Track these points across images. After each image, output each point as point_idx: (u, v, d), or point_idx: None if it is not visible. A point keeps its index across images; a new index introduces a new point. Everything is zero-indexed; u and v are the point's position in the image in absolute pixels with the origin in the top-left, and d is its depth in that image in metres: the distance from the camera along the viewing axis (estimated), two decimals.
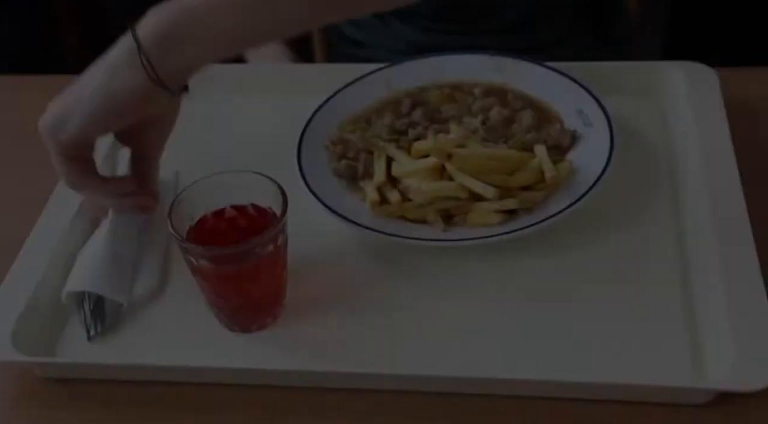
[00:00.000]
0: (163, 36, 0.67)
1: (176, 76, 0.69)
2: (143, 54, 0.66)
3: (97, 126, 0.70)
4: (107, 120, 0.69)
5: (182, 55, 0.68)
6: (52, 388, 0.70)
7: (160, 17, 0.67)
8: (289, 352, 0.70)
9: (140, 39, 0.67)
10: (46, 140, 0.70)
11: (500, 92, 0.88)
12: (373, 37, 1.14)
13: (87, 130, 0.69)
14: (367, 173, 0.81)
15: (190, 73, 0.70)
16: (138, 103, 0.69)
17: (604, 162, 0.77)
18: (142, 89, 0.68)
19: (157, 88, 0.68)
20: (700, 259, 0.72)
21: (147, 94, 0.68)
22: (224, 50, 0.70)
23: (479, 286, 0.73)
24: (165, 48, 0.67)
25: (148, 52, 0.67)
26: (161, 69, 0.67)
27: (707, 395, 0.63)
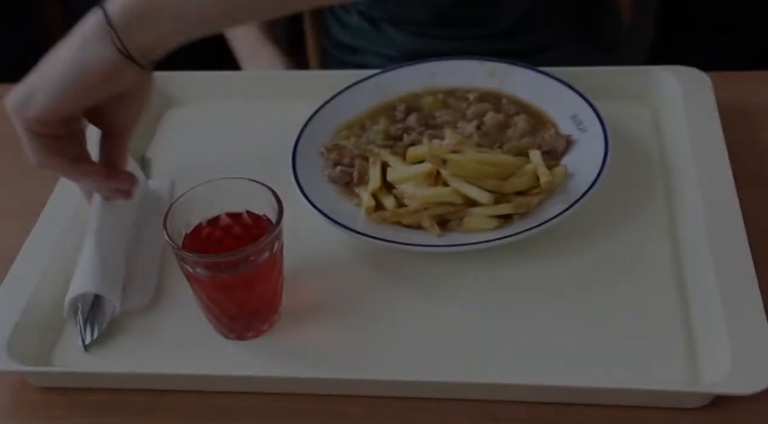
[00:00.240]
0: (132, 9, 0.66)
1: (146, 51, 0.68)
2: (112, 28, 0.66)
3: (65, 101, 0.68)
4: (76, 95, 0.68)
5: (152, 29, 0.67)
6: (48, 397, 0.69)
7: None
8: (284, 359, 0.70)
9: (109, 13, 0.66)
10: (12, 117, 0.69)
11: (494, 97, 0.89)
12: (365, 43, 1.14)
13: (54, 105, 0.67)
14: (362, 179, 0.81)
15: (161, 48, 0.69)
16: (107, 77, 0.67)
17: (599, 167, 0.77)
18: (111, 63, 0.67)
19: (127, 62, 0.67)
20: (695, 262, 0.72)
21: (116, 68, 0.67)
22: (195, 27, 0.69)
23: (475, 291, 0.73)
24: (134, 22, 0.66)
25: (117, 25, 0.66)
26: (131, 43, 0.66)
27: (704, 398, 0.64)
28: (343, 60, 1.18)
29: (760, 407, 0.63)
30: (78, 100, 0.68)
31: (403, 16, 1.10)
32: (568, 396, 0.65)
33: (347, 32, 1.16)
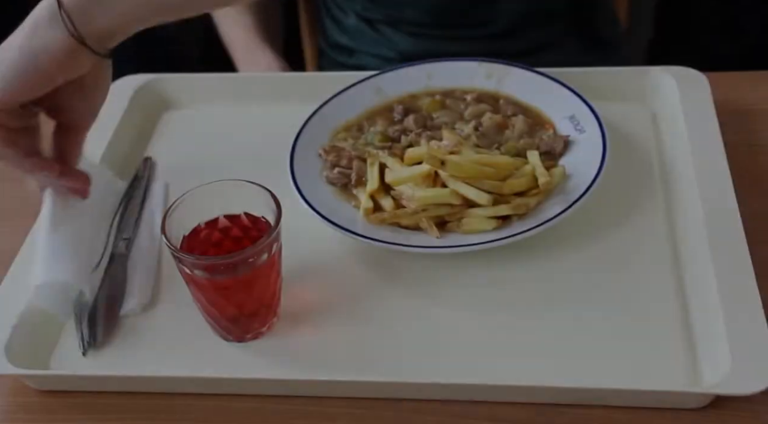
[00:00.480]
0: None
1: (102, 38, 0.67)
2: (64, 11, 0.65)
3: (18, 87, 0.66)
4: (27, 81, 0.66)
5: (105, 13, 0.66)
6: (47, 400, 0.69)
7: None
8: (283, 361, 0.70)
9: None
10: None
11: (492, 98, 0.89)
12: (362, 44, 1.14)
13: (6, 92, 0.66)
14: (360, 181, 0.81)
15: (118, 34, 0.69)
16: (59, 62, 0.66)
17: (597, 167, 0.77)
18: (64, 47, 0.66)
19: (80, 47, 0.66)
20: (694, 262, 0.72)
21: (68, 52, 0.66)
22: (151, 12, 0.68)
23: (474, 292, 0.73)
24: (86, 6, 0.65)
25: (70, 9, 0.65)
26: (83, 26, 0.66)
27: (704, 399, 0.64)
28: (340, 61, 1.18)
29: (760, 407, 0.63)
30: (31, 86, 0.67)
31: (400, 17, 1.09)
32: (568, 397, 0.65)
33: (344, 33, 1.16)
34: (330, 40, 1.20)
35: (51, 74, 0.67)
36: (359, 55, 1.15)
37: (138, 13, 0.68)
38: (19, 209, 0.85)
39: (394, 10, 1.09)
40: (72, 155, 0.74)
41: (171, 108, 0.97)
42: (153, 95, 0.96)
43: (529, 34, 1.10)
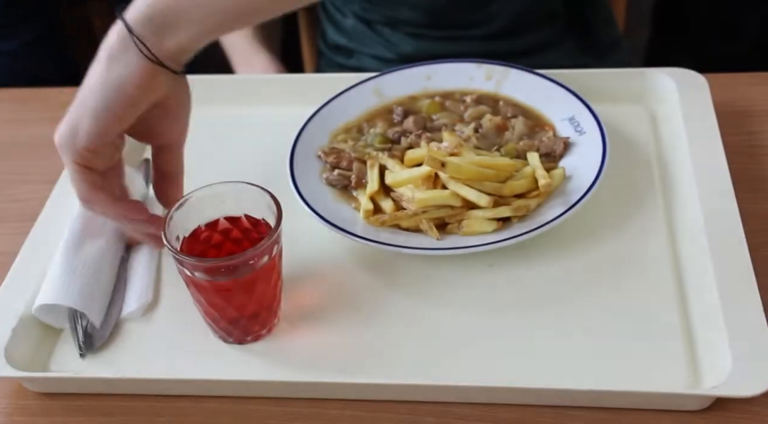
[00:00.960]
0: (153, 17, 0.66)
1: (175, 56, 0.68)
2: (135, 36, 0.65)
3: (110, 121, 0.67)
4: (117, 112, 0.67)
5: (175, 33, 0.66)
6: (46, 403, 0.69)
7: (147, 2, 0.66)
8: (284, 363, 0.69)
9: (130, 22, 0.66)
10: (62, 153, 0.68)
11: (492, 100, 0.89)
12: (361, 44, 1.14)
13: (101, 128, 0.67)
14: (360, 183, 0.80)
15: (190, 51, 0.69)
16: (142, 88, 0.67)
17: (597, 169, 0.77)
18: (142, 71, 0.66)
19: (157, 68, 0.66)
20: (694, 264, 0.72)
21: (147, 75, 0.66)
22: (218, 27, 0.68)
23: (474, 294, 0.73)
24: (156, 28, 0.66)
25: (141, 34, 0.66)
26: (157, 48, 0.66)
27: (705, 401, 0.64)
28: (339, 62, 1.18)
29: (760, 409, 0.63)
30: (121, 117, 0.67)
31: (397, 18, 1.09)
32: (568, 399, 0.65)
33: (343, 34, 1.16)
34: (329, 42, 1.20)
35: (136, 101, 0.68)
36: (358, 56, 1.15)
37: (207, 28, 0.68)
38: (19, 212, 0.85)
39: (391, 10, 1.09)
40: (174, 171, 0.75)
41: None
42: None
43: (526, 35, 1.10)
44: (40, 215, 0.81)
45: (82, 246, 0.75)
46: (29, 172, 0.90)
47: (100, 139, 0.67)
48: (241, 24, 0.72)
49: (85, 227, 0.77)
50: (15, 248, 0.77)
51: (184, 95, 0.72)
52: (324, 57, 1.23)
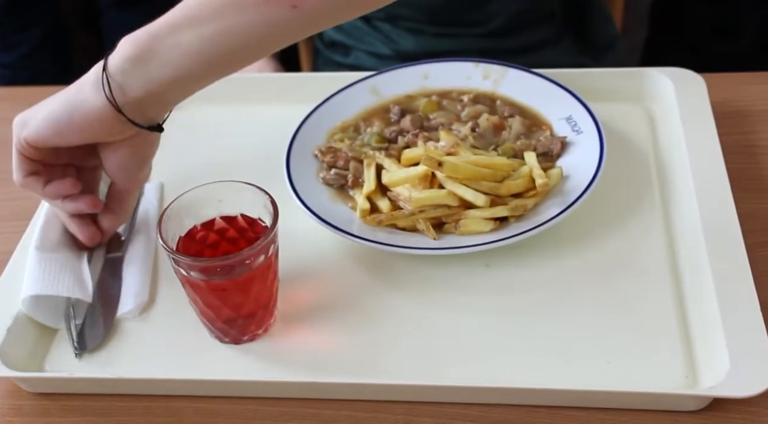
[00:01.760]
0: (130, 55, 0.66)
1: (138, 106, 0.67)
2: (106, 74, 0.66)
3: (51, 134, 0.69)
4: (60, 131, 0.68)
5: (147, 74, 0.66)
6: (41, 403, 0.69)
7: (131, 40, 0.66)
8: (280, 363, 0.69)
9: (110, 61, 0.66)
10: (13, 133, 0.71)
11: (489, 99, 0.88)
12: (359, 41, 1.14)
13: (41, 134, 0.69)
14: (357, 182, 0.80)
15: (155, 105, 0.68)
16: (90, 124, 0.68)
17: (594, 168, 0.77)
18: (97, 112, 0.67)
19: (114, 113, 0.67)
20: (691, 264, 0.72)
21: (101, 117, 0.67)
22: (189, 71, 0.66)
23: (471, 294, 0.73)
24: (130, 68, 0.66)
25: (113, 74, 0.66)
26: (120, 94, 0.66)
27: (702, 401, 0.63)
28: (336, 60, 1.18)
29: (757, 409, 0.63)
30: (62, 135, 0.69)
31: (398, 14, 1.09)
32: (565, 399, 0.65)
33: (340, 31, 1.16)
34: (326, 39, 1.19)
35: (81, 132, 0.69)
36: (355, 53, 1.15)
37: (180, 72, 0.66)
38: (13, 212, 0.85)
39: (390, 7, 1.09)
40: (117, 209, 0.76)
41: None
42: None
43: (525, 33, 1.10)
44: (34, 214, 0.80)
45: (45, 236, 0.76)
46: None
47: (40, 141, 0.69)
48: (219, 71, 0.69)
49: (47, 219, 0.78)
50: (10, 247, 0.77)
51: (142, 151, 0.72)
52: (321, 55, 1.22)
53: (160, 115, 0.70)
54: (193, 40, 0.65)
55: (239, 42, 0.65)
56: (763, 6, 1.55)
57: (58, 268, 0.74)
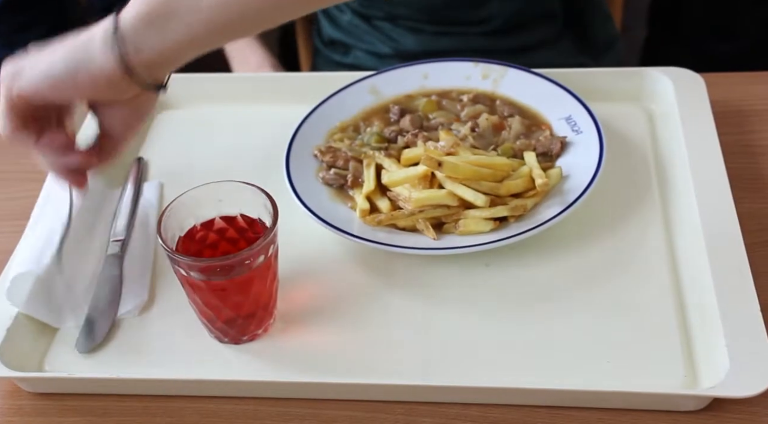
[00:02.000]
0: (143, 16, 0.63)
1: (150, 65, 0.65)
2: (118, 34, 0.63)
3: (49, 89, 0.65)
4: (60, 88, 0.65)
5: (162, 34, 0.63)
6: (41, 403, 0.69)
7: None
8: (280, 363, 0.69)
9: (120, 21, 0.64)
10: (0, 84, 0.67)
11: (488, 99, 0.88)
12: (358, 40, 1.14)
13: (38, 89, 0.65)
14: (357, 182, 0.80)
15: (170, 63, 0.66)
16: (97, 86, 0.65)
17: (594, 168, 0.77)
18: (107, 74, 0.64)
19: (125, 77, 0.64)
20: (691, 264, 0.72)
21: (110, 80, 0.64)
22: (207, 34, 0.64)
23: (471, 294, 0.73)
24: (145, 26, 0.63)
25: (126, 34, 0.63)
26: (134, 54, 0.64)
27: (702, 401, 0.63)
28: (335, 60, 1.18)
29: (757, 409, 0.63)
30: (62, 93, 0.66)
31: (398, 13, 1.09)
32: (565, 399, 0.65)
33: (339, 30, 1.16)
34: (325, 38, 1.19)
35: (84, 91, 0.66)
36: (355, 51, 1.15)
37: (197, 35, 0.64)
38: (14, 211, 0.85)
39: (388, 6, 1.09)
40: (105, 153, 0.72)
41: (166, 107, 0.96)
42: None
43: (525, 33, 1.10)
44: (32, 213, 0.80)
45: (41, 219, 0.76)
46: (24, 170, 0.89)
47: (37, 96, 0.66)
48: (232, 35, 0.68)
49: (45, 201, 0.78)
50: (10, 246, 0.77)
51: (143, 108, 0.70)
52: (320, 54, 1.22)
53: (165, 75, 0.68)
54: (212, 3, 0.63)
55: (257, 4, 0.64)
56: (762, 6, 1.55)
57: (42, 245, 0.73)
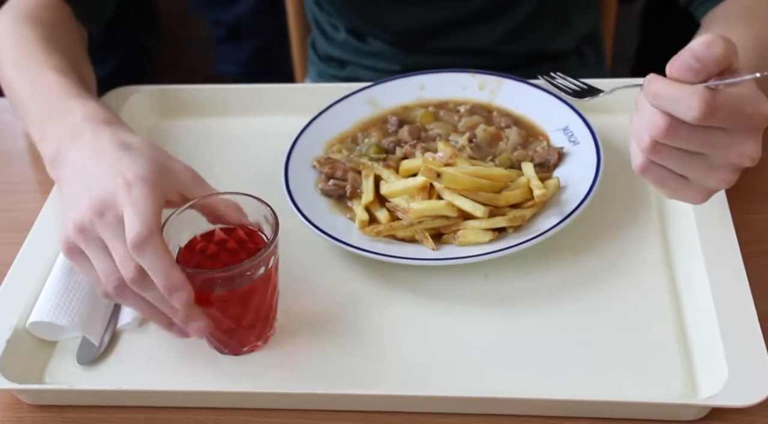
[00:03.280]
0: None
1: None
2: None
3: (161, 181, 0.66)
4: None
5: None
6: (40, 415, 0.69)
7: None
8: (280, 374, 0.69)
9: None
10: (153, 188, 0.64)
11: (485, 110, 0.89)
12: (353, 56, 1.14)
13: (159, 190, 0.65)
14: (355, 193, 0.80)
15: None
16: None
17: (591, 179, 0.77)
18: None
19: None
20: (689, 274, 0.72)
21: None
22: None
23: (470, 304, 0.73)
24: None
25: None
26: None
27: (701, 411, 0.64)
28: (331, 73, 1.18)
29: (756, 419, 0.64)
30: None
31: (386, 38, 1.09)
32: (565, 409, 0.65)
33: (335, 46, 1.16)
34: (321, 53, 1.19)
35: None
36: (351, 67, 1.15)
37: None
38: (13, 222, 0.85)
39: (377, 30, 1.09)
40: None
41: (165, 119, 0.96)
42: (145, 107, 0.96)
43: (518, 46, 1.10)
44: (33, 225, 0.80)
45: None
46: (23, 182, 0.89)
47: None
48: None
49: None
50: (9, 258, 0.77)
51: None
52: (315, 67, 1.22)
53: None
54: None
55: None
56: None
57: (86, 301, 0.73)
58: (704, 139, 0.60)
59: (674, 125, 0.59)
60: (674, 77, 0.59)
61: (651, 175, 0.65)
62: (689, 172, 0.63)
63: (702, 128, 0.59)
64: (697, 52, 0.57)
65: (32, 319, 0.71)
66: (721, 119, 0.58)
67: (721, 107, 0.57)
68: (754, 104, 0.59)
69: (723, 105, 0.58)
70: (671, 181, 0.64)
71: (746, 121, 0.59)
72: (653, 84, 0.60)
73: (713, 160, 0.62)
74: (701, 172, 0.63)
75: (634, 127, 0.63)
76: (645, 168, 0.64)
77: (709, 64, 0.57)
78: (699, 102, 0.57)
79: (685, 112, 0.58)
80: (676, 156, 0.62)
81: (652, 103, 0.61)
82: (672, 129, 0.59)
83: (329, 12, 1.12)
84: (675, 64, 0.59)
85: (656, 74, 0.61)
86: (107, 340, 0.72)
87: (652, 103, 0.60)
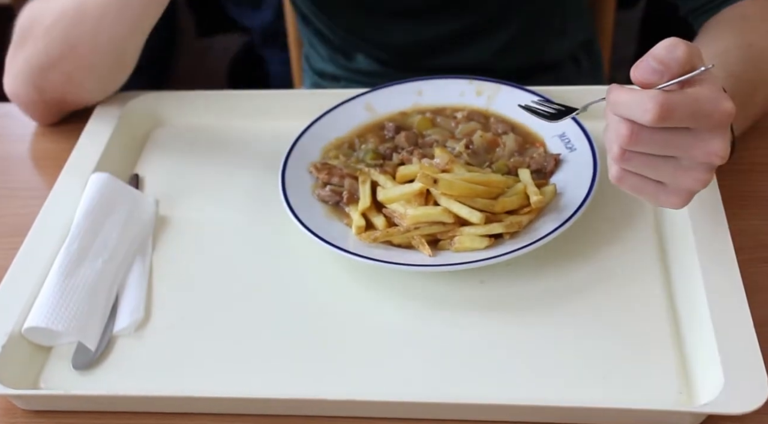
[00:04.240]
0: None
1: None
2: None
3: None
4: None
5: None
6: (35, 421, 0.68)
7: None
8: (276, 380, 0.69)
9: None
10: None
11: (482, 116, 0.89)
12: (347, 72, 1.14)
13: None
14: (352, 199, 0.80)
15: None
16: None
17: (588, 185, 0.77)
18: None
19: None
20: (685, 280, 0.72)
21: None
22: None
23: (466, 310, 0.73)
24: None
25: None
26: None
27: (696, 418, 0.64)
28: (325, 86, 1.18)
29: None
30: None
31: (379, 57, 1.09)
32: (560, 415, 0.65)
33: (330, 63, 1.16)
34: (315, 68, 1.19)
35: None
36: (346, 82, 1.15)
37: None
38: (9, 228, 0.84)
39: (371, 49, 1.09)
40: None
41: (162, 124, 0.96)
42: (143, 112, 0.96)
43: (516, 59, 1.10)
44: (30, 230, 0.80)
45: (78, 268, 0.75)
46: (19, 188, 0.89)
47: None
48: None
49: (81, 248, 0.76)
50: (6, 263, 0.77)
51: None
52: (310, 79, 1.22)
53: None
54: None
55: None
56: None
57: (82, 307, 0.72)
58: (668, 141, 0.60)
59: (636, 131, 0.60)
60: (639, 81, 0.60)
61: (627, 184, 0.65)
62: (662, 176, 0.63)
63: (664, 130, 0.60)
64: (659, 55, 0.58)
65: (28, 324, 0.71)
66: (679, 119, 0.59)
67: (677, 107, 0.58)
68: (714, 102, 0.59)
69: (679, 105, 0.58)
70: (648, 188, 0.65)
71: (707, 119, 0.60)
72: (612, 93, 0.61)
73: (683, 162, 0.62)
74: (674, 175, 0.63)
75: (605, 138, 0.64)
76: (620, 177, 0.65)
77: (671, 67, 0.58)
78: (653, 104, 0.57)
79: (641, 115, 0.58)
80: (646, 162, 0.62)
81: (612, 112, 0.61)
82: (634, 135, 0.60)
83: (318, 28, 1.12)
84: (638, 68, 0.60)
85: (617, 84, 0.62)
86: (103, 345, 0.72)
87: (613, 111, 0.61)
